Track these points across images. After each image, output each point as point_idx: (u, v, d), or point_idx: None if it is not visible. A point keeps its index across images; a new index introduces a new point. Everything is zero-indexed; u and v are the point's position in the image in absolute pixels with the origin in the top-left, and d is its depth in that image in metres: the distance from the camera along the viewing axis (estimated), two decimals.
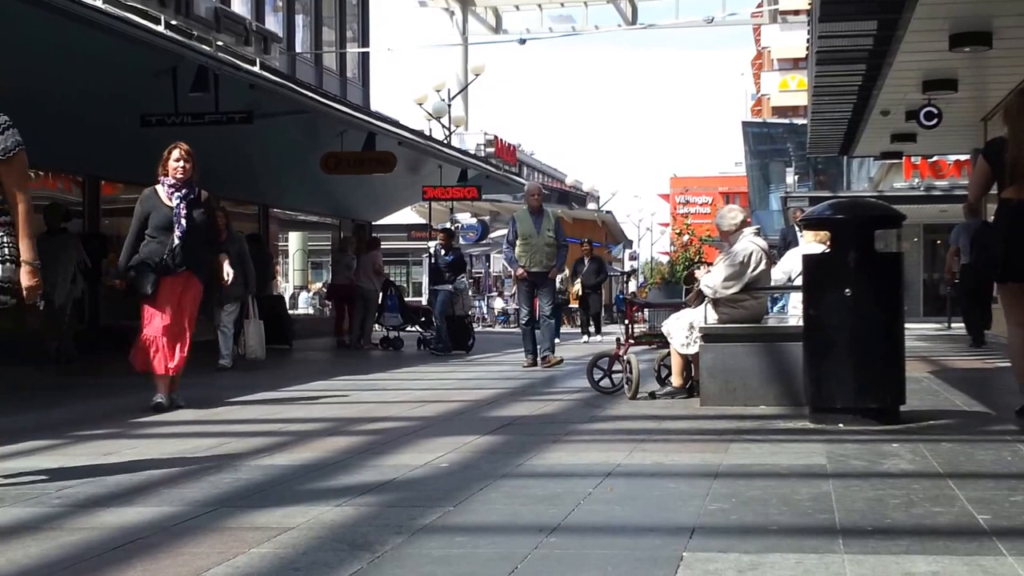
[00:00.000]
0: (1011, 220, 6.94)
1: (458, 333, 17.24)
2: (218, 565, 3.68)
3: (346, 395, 10.23)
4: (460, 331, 17.31)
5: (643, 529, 4.17)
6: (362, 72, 30.48)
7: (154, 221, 8.79)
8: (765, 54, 67.78)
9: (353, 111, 20.03)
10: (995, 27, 13.24)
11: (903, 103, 17.52)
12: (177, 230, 8.73)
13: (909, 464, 5.47)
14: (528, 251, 13.11)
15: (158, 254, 8.66)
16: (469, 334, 17.49)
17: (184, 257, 8.71)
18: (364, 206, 26.47)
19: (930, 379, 10.20)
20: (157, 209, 8.84)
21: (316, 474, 5.54)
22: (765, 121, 56.71)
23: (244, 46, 19.42)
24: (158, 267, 8.63)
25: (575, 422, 7.58)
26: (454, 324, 17.28)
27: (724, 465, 5.52)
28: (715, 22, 28.00)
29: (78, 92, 13.87)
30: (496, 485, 5.10)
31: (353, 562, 3.70)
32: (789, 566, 3.55)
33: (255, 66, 15.73)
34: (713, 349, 8.22)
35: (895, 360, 6.89)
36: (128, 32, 12.28)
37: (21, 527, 4.37)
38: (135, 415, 8.34)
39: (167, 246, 8.68)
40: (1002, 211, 7.04)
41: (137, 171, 17.31)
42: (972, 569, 3.48)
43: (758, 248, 8.47)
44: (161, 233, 8.74)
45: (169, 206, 8.83)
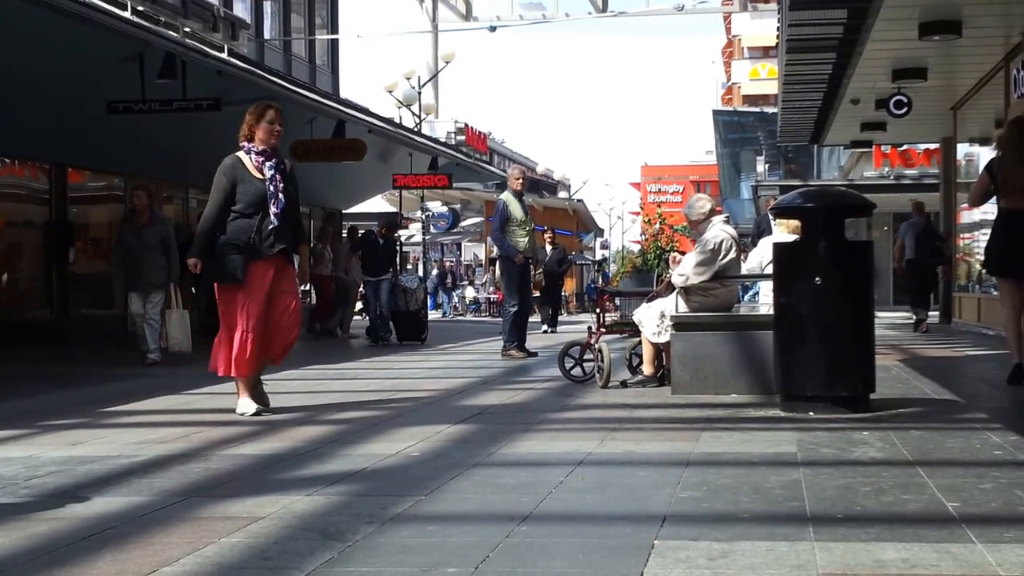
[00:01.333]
0: (1005, 225, 8.54)
1: (411, 326, 17.35)
2: (188, 555, 3.66)
3: (316, 384, 10.19)
4: (413, 325, 17.40)
5: (614, 517, 4.17)
6: (331, 59, 30.38)
7: (244, 195, 7.48)
8: (736, 42, 67.90)
9: (322, 99, 19.96)
10: (964, 16, 13.31)
11: (873, 92, 17.61)
12: (274, 206, 7.49)
13: (879, 452, 5.49)
14: (525, 236, 12.95)
15: (246, 233, 7.45)
16: (423, 327, 17.56)
17: (279, 237, 7.55)
18: (334, 194, 26.39)
19: (900, 367, 10.27)
20: (246, 181, 7.51)
21: (287, 463, 5.51)
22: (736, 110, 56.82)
23: (212, 32, 19.29)
24: (246, 249, 7.44)
25: (546, 411, 7.58)
26: (407, 318, 17.36)
27: (695, 453, 5.53)
28: (685, 10, 28.01)
29: (44, 78, 13.75)
30: (467, 474, 5.09)
31: (324, 551, 3.68)
32: (760, 554, 3.55)
33: (223, 53, 15.64)
34: (684, 337, 8.23)
35: (865, 348, 6.93)
36: (94, 18, 12.17)
37: None
38: (104, 404, 8.27)
39: (259, 225, 7.48)
40: (999, 218, 8.67)
41: (104, 158, 17.30)
42: (941, 556, 3.49)
43: (728, 236, 8.49)
44: (252, 209, 7.48)
45: (260, 178, 7.55)
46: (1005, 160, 8.56)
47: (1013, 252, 8.47)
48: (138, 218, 12.76)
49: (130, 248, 12.56)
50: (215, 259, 7.49)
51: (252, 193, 7.49)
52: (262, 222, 7.47)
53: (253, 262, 7.44)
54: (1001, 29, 14.09)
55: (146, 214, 12.71)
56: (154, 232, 12.58)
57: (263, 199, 7.48)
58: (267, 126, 7.56)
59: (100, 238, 18.96)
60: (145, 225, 12.62)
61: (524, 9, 29.71)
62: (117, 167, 18.27)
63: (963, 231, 20.67)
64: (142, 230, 12.57)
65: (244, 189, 7.48)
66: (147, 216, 12.71)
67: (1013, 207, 8.43)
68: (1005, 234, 8.55)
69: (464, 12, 31.50)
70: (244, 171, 7.53)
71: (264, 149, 7.58)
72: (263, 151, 7.57)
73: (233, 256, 7.41)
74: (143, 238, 12.53)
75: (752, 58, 62.66)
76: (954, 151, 21.36)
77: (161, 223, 12.95)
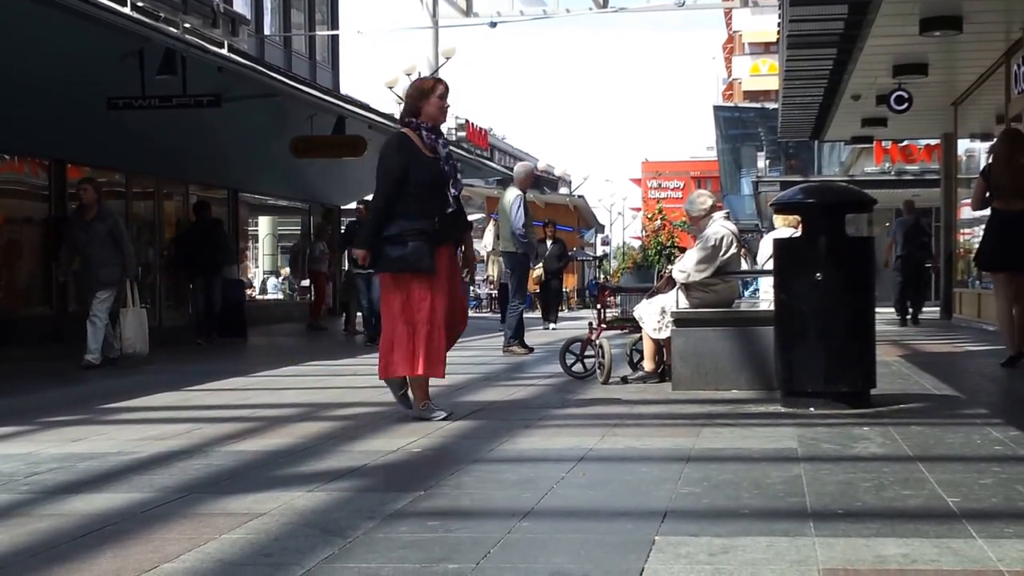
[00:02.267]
0: (998, 225, 9.54)
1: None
2: (189, 551, 3.66)
3: (317, 380, 10.20)
4: None
5: (615, 513, 4.17)
6: (332, 55, 30.37)
7: (419, 177, 6.75)
8: (736, 38, 67.88)
9: (323, 95, 19.96)
10: (965, 11, 13.30)
11: (874, 87, 17.59)
12: (453, 188, 6.87)
13: (879, 448, 5.49)
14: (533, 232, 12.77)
15: (428, 218, 6.72)
16: None
17: (459, 222, 6.93)
18: (334, 190, 26.37)
19: (900, 363, 10.27)
20: (419, 162, 6.78)
21: (287, 460, 5.51)
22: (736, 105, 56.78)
23: (212, 28, 19.30)
24: (432, 235, 6.73)
25: (548, 407, 7.58)
26: None
27: (696, 449, 5.53)
28: (686, 6, 27.93)
29: (43, 74, 13.74)
30: (468, 470, 5.09)
31: (325, 547, 3.68)
32: (760, 549, 3.55)
33: (223, 49, 15.65)
34: (685, 333, 8.23)
35: (866, 344, 6.92)
36: (94, 14, 12.17)
37: None
38: (104, 401, 8.28)
39: (439, 208, 6.79)
40: (992, 218, 9.66)
41: (104, 154, 17.28)
42: (942, 551, 3.49)
43: (728, 232, 8.49)
44: (427, 192, 6.78)
45: (434, 157, 6.85)
46: (996, 167, 9.67)
47: (1005, 248, 9.46)
48: (86, 213, 12.11)
49: (78, 244, 12.06)
50: (393, 248, 6.73)
51: (429, 174, 6.79)
52: (442, 206, 6.80)
53: (437, 249, 6.76)
54: (1002, 25, 14.08)
55: (94, 208, 12.07)
56: (102, 226, 11.98)
57: (440, 180, 6.82)
58: (437, 101, 6.87)
59: None
60: (93, 220, 12.01)
61: (525, 5, 29.62)
62: (117, 163, 18.25)
63: (963, 227, 20.67)
64: (90, 225, 11.99)
65: (418, 170, 6.75)
66: (95, 211, 12.07)
67: (1004, 208, 9.47)
68: (998, 233, 9.54)
69: (464, 8, 31.44)
70: (416, 150, 6.80)
71: (434, 127, 6.92)
72: (433, 128, 6.90)
73: (418, 244, 6.67)
74: (91, 233, 11.94)
75: (753, 54, 62.66)
76: (955, 147, 21.35)
77: (109, 217, 12.27)
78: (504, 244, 12.80)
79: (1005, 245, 9.44)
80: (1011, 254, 9.41)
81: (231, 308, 16.82)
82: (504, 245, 12.80)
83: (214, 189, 22.14)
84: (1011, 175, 9.44)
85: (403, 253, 6.69)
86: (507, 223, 12.60)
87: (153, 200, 20.11)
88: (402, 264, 6.72)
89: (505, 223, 12.67)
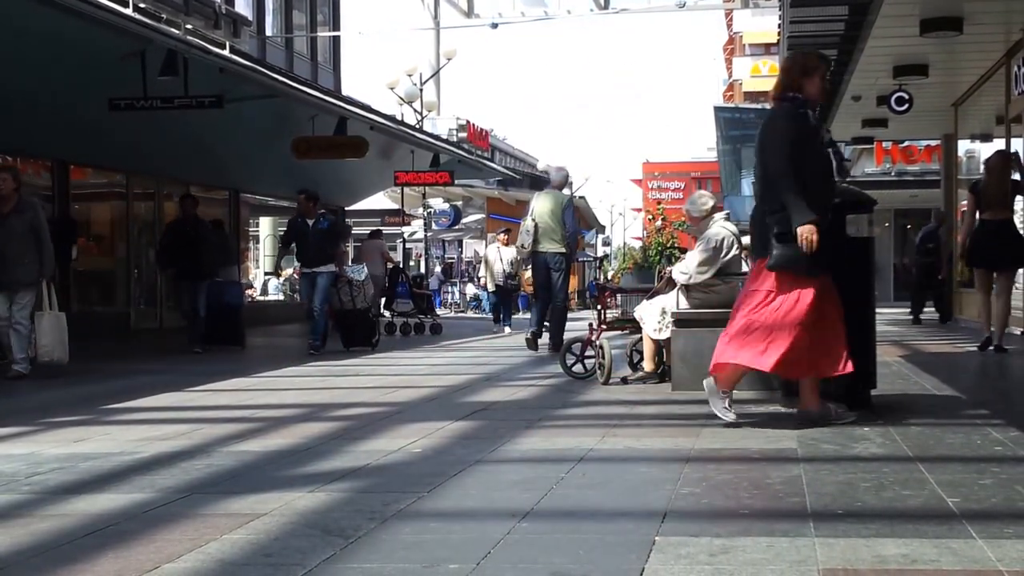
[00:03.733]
0: (983, 231, 11.40)
1: (358, 329, 14.70)
2: (190, 552, 3.67)
3: (319, 381, 10.21)
4: (361, 326, 14.73)
5: (615, 514, 4.18)
6: (333, 56, 30.39)
7: (812, 159, 6.09)
8: (737, 39, 67.84)
9: (324, 95, 19.98)
10: (965, 12, 13.30)
11: (874, 88, 17.59)
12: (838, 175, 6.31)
13: (879, 448, 5.50)
14: None
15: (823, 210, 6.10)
16: (374, 329, 14.98)
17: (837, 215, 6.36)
18: (336, 191, 26.38)
19: (900, 363, 10.27)
20: (814, 146, 6.16)
21: (289, 460, 5.52)
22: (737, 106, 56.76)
23: (214, 29, 19.35)
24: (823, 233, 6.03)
25: (548, 407, 7.59)
26: (352, 319, 14.67)
27: (696, 449, 5.54)
28: (687, 7, 27.97)
29: (46, 75, 13.77)
30: (469, 471, 5.10)
31: (326, 548, 3.69)
32: (760, 549, 3.56)
33: (225, 50, 15.65)
34: (685, 334, 8.24)
35: (865, 344, 6.92)
36: (96, 15, 12.19)
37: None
38: (106, 401, 8.28)
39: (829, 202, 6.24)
40: (979, 225, 11.47)
41: (106, 155, 17.31)
42: (942, 551, 3.50)
43: (729, 233, 8.50)
44: (820, 180, 6.15)
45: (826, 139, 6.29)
46: (988, 182, 11.43)
47: (985, 249, 11.37)
48: (3, 205, 10.83)
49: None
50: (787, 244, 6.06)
51: (823, 158, 6.16)
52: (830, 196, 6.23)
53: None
54: (1002, 26, 14.08)
55: (12, 200, 10.83)
56: (21, 221, 10.80)
57: (830, 167, 6.20)
58: (820, 82, 6.29)
59: (103, 235, 19.00)
60: (11, 213, 10.80)
61: (526, 6, 29.69)
62: (119, 164, 18.28)
63: None
64: (7, 219, 10.77)
65: (812, 152, 6.11)
66: (13, 202, 10.84)
67: (989, 218, 11.30)
68: (982, 237, 11.39)
69: (466, 9, 31.49)
70: (809, 129, 6.18)
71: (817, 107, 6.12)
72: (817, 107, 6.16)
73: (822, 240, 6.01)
74: (7, 228, 10.73)
75: (753, 55, 62.62)
76: (955, 147, 21.35)
77: (31, 209, 11.04)
78: (547, 244, 12.85)
79: (985, 246, 11.38)
80: (992, 254, 11.37)
81: (227, 313, 15.23)
82: (547, 246, 12.85)
83: (215, 190, 22.17)
84: (1001, 190, 11.32)
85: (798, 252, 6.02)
86: (555, 224, 12.81)
87: (154, 201, 20.12)
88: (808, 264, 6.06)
89: (549, 224, 12.82)
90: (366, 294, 14.59)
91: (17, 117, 14.52)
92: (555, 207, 12.86)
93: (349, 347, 14.41)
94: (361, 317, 14.63)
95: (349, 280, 14.41)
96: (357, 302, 14.48)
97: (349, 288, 14.36)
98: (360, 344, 14.43)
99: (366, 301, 14.62)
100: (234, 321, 15.36)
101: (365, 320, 14.72)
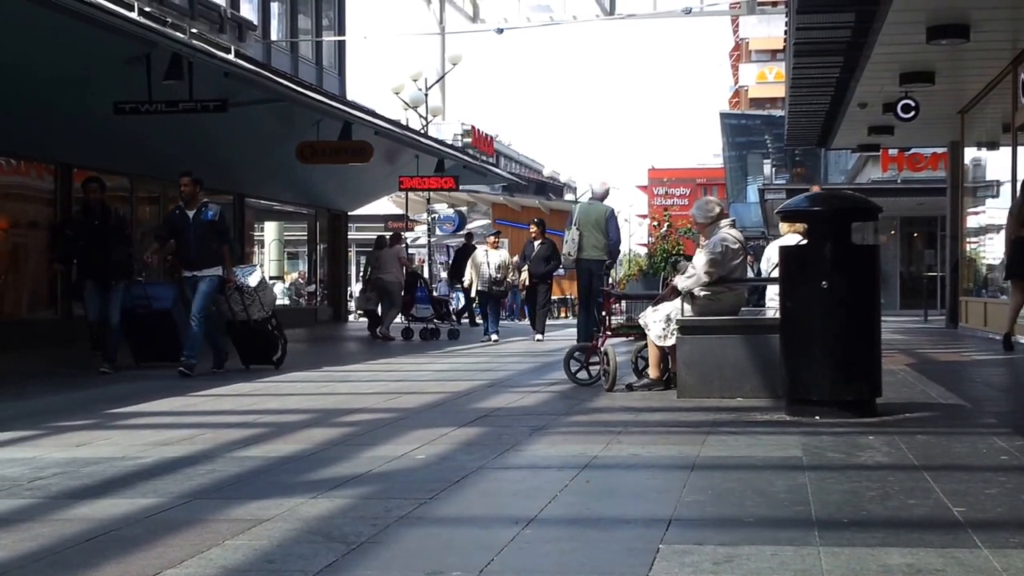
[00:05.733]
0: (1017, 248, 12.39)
1: (255, 344, 12.06)
2: (192, 558, 3.66)
3: (322, 387, 10.19)
4: (258, 341, 12.04)
5: (620, 521, 4.16)
6: (338, 61, 30.37)
7: None
8: (743, 46, 67.97)
9: (329, 100, 19.96)
10: (972, 20, 13.28)
11: (880, 95, 17.57)
12: None
13: (885, 457, 5.47)
14: None
15: None
16: (275, 344, 12.08)
17: None
18: (340, 196, 26.41)
19: (906, 372, 10.24)
20: None
21: (291, 466, 5.51)
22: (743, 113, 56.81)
23: (219, 33, 19.33)
24: None
25: (552, 414, 7.57)
26: (247, 333, 11.99)
27: (701, 457, 5.52)
28: (693, 13, 27.94)
29: (50, 79, 13.78)
30: (472, 477, 5.08)
31: (328, 554, 3.67)
32: (765, 558, 3.54)
33: (230, 54, 15.64)
34: (690, 341, 8.21)
35: (871, 352, 6.90)
36: (101, 18, 12.18)
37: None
38: (109, 406, 8.27)
39: None
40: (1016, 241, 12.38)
41: (110, 159, 17.31)
42: (947, 561, 3.48)
43: (734, 239, 8.47)
44: None
45: None
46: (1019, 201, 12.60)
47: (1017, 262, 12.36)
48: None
49: None
50: None
51: None
52: None
53: None
54: (1009, 33, 14.06)
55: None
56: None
57: None
58: None
59: None
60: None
61: (531, 11, 29.66)
62: (123, 168, 18.27)
63: (970, 235, 20.63)
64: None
65: None
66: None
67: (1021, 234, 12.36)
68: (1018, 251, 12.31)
69: (471, 14, 31.47)
70: None
71: None
72: None
73: None
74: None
75: (759, 61, 62.68)
76: (961, 155, 21.31)
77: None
78: (590, 252, 13.46)
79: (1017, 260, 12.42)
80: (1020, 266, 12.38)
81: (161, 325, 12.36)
82: (590, 253, 13.46)
83: (220, 194, 22.16)
84: None
85: None
86: (598, 234, 13.50)
87: (159, 205, 20.12)
88: None
89: (592, 234, 13.49)
90: (263, 302, 11.90)
91: (21, 120, 14.53)
92: (599, 217, 13.57)
93: (247, 365, 11.99)
94: (258, 330, 11.95)
95: (239, 286, 11.69)
96: (252, 312, 11.79)
97: (240, 296, 11.70)
98: (260, 361, 11.95)
99: (264, 310, 11.90)
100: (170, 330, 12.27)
101: (263, 334, 11.98)
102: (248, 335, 11.96)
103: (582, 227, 13.44)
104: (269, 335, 12.01)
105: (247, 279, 11.89)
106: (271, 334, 12.02)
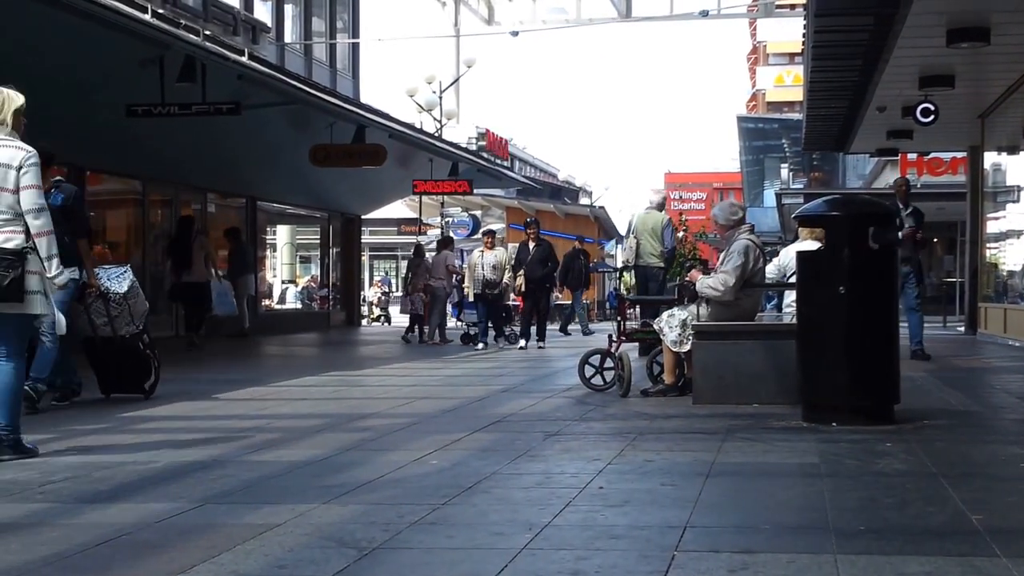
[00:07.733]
0: None
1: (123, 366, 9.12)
2: (203, 562, 3.63)
3: (334, 391, 10.17)
4: (128, 362, 9.12)
5: (634, 527, 4.12)
6: (352, 63, 30.37)
7: None
8: (760, 49, 67.82)
9: (342, 103, 19.94)
10: (993, 23, 13.19)
11: (899, 99, 17.47)
12: None
13: (902, 463, 5.43)
14: None
15: None
16: (147, 367, 9.17)
17: None
18: (353, 199, 26.40)
19: (925, 378, 10.17)
20: None
21: (304, 471, 5.48)
22: (760, 116, 56.72)
23: (232, 36, 19.34)
24: None
25: (566, 420, 7.53)
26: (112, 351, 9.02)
27: (716, 463, 5.48)
28: (710, 16, 27.87)
29: (63, 81, 13.77)
30: (486, 483, 5.05)
31: (340, 560, 3.65)
32: (781, 565, 3.50)
33: (243, 56, 15.63)
34: (706, 347, 8.17)
35: (889, 358, 6.85)
36: (114, 20, 12.18)
37: (4, 524, 4.31)
38: (120, 410, 8.26)
39: None
40: None
41: (123, 162, 17.33)
42: (966, 570, 3.44)
43: (754, 245, 8.42)
44: None
45: None
46: None
47: None
48: None
49: None
50: None
51: None
52: None
53: None
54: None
55: None
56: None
57: None
58: None
59: (118, 242, 18.98)
60: None
61: (547, 14, 29.63)
62: (136, 171, 18.29)
63: (990, 241, 20.53)
64: None
65: None
66: None
67: None
68: None
69: (486, 17, 31.48)
70: None
71: None
72: None
73: None
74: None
75: (777, 64, 62.58)
76: (981, 160, 21.19)
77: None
78: (647, 259, 14.18)
79: None
80: None
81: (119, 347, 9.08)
82: (647, 260, 14.17)
83: (232, 197, 22.18)
84: None
85: None
86: (654, 241, 14.18)
87: (171, 208, 20.14)
88: None
89: (649, 241, 14.16)
90: (133, 313, 9.04)
91: (33, 122, 14.52)
92: (655, 225, 14.28)
93: (107, 393, 9.18)
94: (126, 349, 9.07)
95: (103, 292, 8.88)
96: (118, 325, 8.97)
97: (105, 305, 8.90)
98: (127, 389, 9.16)
99: (134, 324, 9.05)
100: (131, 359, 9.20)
101: (132, 353, 9.10)
102: (112, 356, 9.06)
103: (639, 235, 14.18)
104: (140, 355, 9.13)
105: (114, 284, 9.03)
106: (142, 354, 9.15)
